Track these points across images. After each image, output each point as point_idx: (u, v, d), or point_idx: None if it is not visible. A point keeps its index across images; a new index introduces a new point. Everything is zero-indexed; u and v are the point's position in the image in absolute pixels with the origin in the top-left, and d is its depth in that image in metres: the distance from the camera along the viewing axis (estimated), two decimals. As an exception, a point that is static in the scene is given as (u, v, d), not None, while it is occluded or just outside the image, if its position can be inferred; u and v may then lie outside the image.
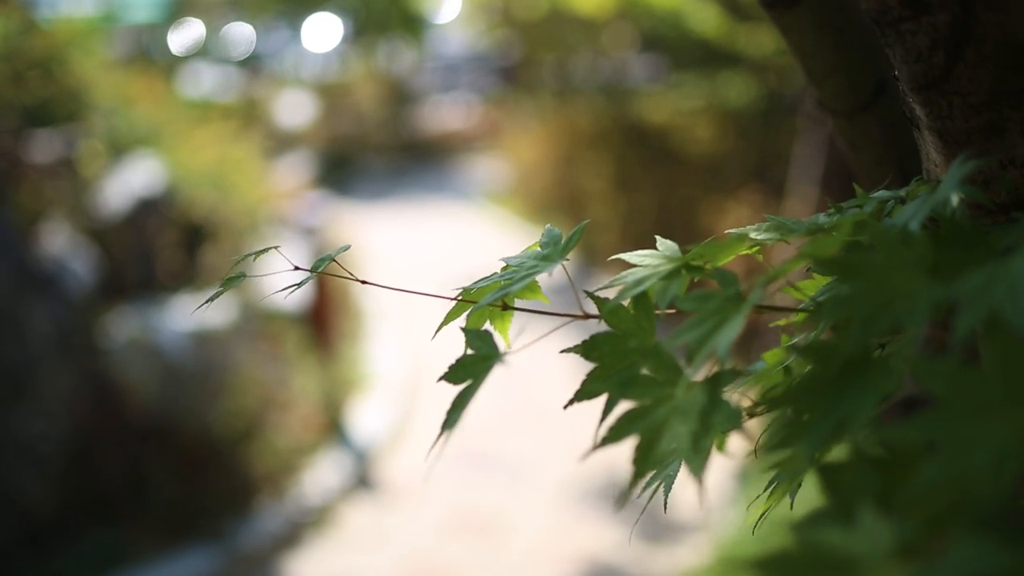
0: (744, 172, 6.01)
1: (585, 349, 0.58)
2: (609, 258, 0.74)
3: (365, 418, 4.46)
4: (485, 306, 0.64)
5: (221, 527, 3.43)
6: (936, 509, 0.36)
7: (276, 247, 0.73)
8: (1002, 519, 0.34)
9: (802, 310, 0.60)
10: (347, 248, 0.72)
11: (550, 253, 0.66)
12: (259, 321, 4.27)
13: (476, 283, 0.68)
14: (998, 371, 0.37)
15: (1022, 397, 0.36)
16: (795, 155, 4.28)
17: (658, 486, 0.63)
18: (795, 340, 0.64)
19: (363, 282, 0.71)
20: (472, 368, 0.60)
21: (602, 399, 0.54)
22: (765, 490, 0.62)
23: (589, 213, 6.58)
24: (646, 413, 0.50)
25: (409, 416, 4.66)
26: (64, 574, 3.04)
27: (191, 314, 3.63)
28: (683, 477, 0.62)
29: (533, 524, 3.65)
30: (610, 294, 0.60)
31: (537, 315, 0.66)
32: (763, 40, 5.62)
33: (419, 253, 8.00)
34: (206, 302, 0.72)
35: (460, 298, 0.67)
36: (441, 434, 0.57)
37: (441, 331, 0.67)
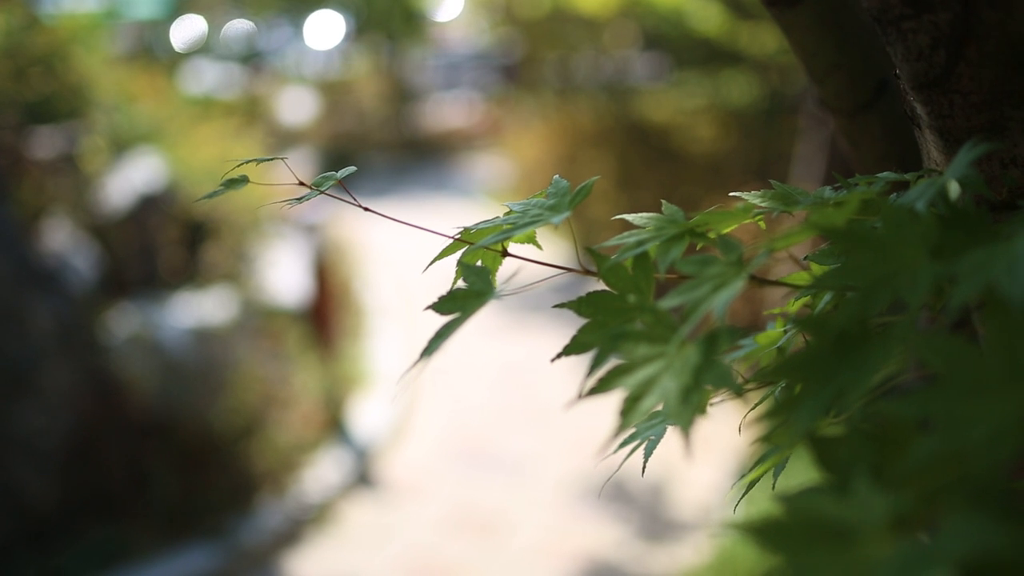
0: (746, 171, 6.01)
1: (579, 305, 0.56)
2: (613, 217, 0.72)
3: (366, 415, 4.46)
4: (483, 247, 0.62)
5: (222, 524, 3.43)
6: (932, 485, 0.36)
7: (284, 158, 0.70)
8: (998, 497, 0.34)
9: (803, 287, 0.60)
10: (353, 170, 0.68)
11: (557, 204, 0.63)
12: (260, 318, 4.27)
13: (477, 224, 0.65)
14: (997, 349, 0.37)
15: (1021, 376, 0.36)
16: (797, 154, 4.28)
17: (638, 445, 0.62)
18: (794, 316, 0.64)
19: (366, 209, 0.67)
20: (463, 302, 0.57)
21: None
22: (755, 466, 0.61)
23: (591, 211, 6.57)
24: (636, 367, 0.48)
25: (410, 414, 4.66)
26: (65, 570, 3.04)
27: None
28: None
29: (533, 522, 3.65)
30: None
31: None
32: (765, 39, 5.62)
33: (420, 250, 7.98)
34: (205, 197, 0.68)
35: (458, 237, 0.65)
36: (419, 360, 0.55)
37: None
